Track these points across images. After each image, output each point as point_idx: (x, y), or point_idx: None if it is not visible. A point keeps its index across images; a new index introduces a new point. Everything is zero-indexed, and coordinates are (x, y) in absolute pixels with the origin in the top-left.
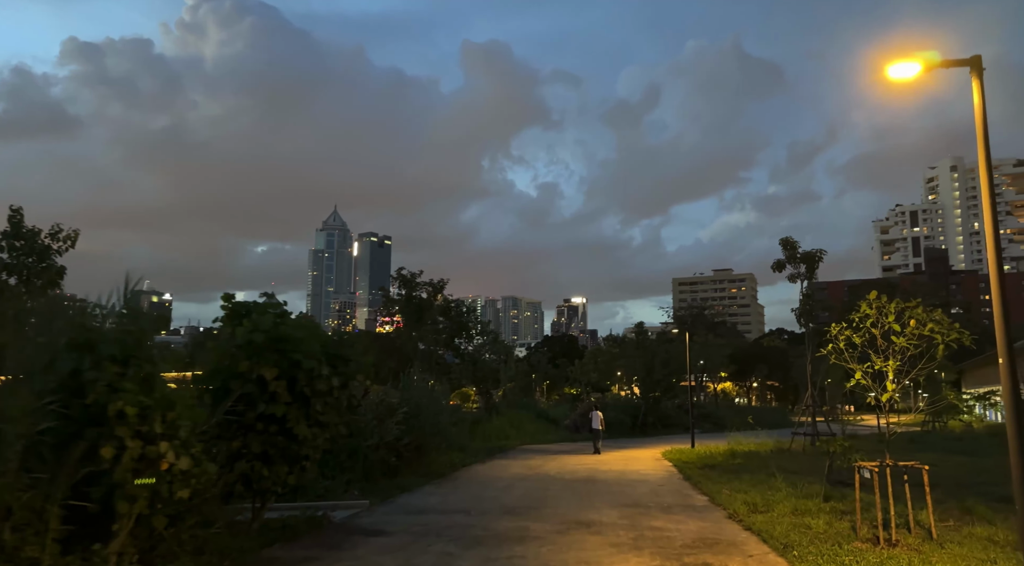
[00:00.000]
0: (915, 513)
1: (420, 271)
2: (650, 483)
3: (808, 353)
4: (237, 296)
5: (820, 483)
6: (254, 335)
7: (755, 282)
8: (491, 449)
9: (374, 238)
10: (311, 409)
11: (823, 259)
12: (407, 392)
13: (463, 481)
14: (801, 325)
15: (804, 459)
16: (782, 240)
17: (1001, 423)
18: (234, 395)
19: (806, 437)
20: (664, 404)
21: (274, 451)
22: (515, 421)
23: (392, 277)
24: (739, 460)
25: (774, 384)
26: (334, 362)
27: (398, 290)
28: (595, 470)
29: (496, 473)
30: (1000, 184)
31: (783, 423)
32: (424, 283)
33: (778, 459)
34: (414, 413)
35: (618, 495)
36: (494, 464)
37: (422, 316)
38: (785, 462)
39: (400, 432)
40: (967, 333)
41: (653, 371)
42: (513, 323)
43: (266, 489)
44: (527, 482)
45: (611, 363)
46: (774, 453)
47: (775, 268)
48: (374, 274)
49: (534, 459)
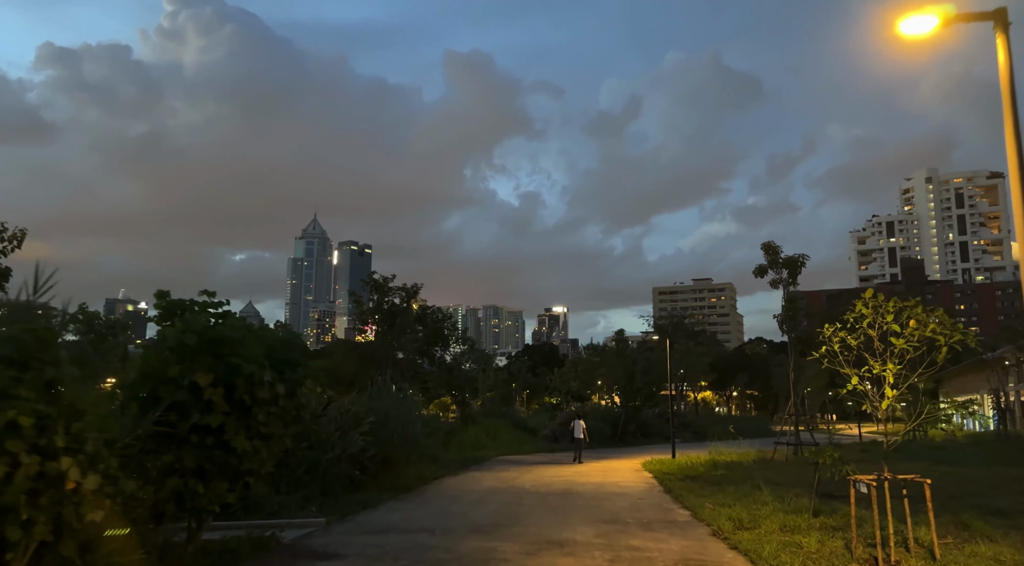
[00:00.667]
0: (914, 530)
1: (393, 276)
2: (629, 496)
3: (791, 360)
4: None
5: (807, 496)
6: (185, 336)
7: (734, 291)
8: (465, 460)
9: (354, 246)
10: (252, 419)
11: (805, 264)
12: (374, 401)
13: (432, 495)
14: (783, 332)
15: (788, 469)
16: (764, 244)
17: (981, 432)
18: (163, 404)
19: (789, 447)
20: (644, 413)
21: (211, 466)
22: (492, 431)
23: (364, 282)
24: (721, 471)
25: (754, 393)
26: (281, 367)
27: (370, 295)
28: (572, 482)
29: (468, 486)
30: (974, 196)
31: (764, 432)
32: (397, 288)
33: (761, 470)
34: (381, 423)
35: (595, 510)
36: (467, 477)
37: (395, 322)
38: (769, 473)
39: (365, 443)
40: (971, 334)
41: (633, 379)
42: (494, 332)
43: (202, 508)
44: (499, 496)
45: (591, 372)
46: (757, 463)
47: (757, 273)
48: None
49: (509, 471)
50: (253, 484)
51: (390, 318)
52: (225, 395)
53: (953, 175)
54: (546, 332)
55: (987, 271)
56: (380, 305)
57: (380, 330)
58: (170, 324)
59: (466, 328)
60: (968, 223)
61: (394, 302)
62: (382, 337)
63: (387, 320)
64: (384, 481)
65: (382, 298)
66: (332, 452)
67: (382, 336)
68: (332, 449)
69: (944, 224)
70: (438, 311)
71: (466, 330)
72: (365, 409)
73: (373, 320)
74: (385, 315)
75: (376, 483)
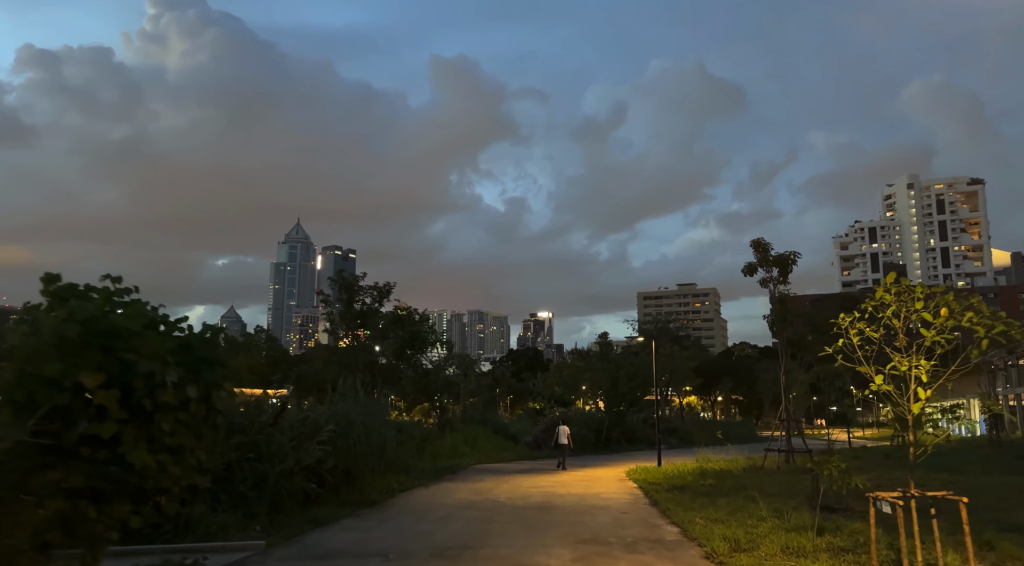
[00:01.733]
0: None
1: (363, 274)
2: (613, 510)
3: (782, 362)
4: (197, 310)
5: (806, 509)
6: (66, 327)
7: (719, 297)
8: (439, 470)
9: (338, 251)
10: (155, 429)
11: (796, 262)
12: (336, 407)
13: (396, 510)
14: (773, 333)
15: (781, 478)
16: (754, 242)
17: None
18: (42, 409)
19: (780, 454)
20: (629, 418)
21: (107, 485)
22: (470, 438)
23: (331, 279)
24: (710, 480)
25: (739, 398)
26: (197, 366)
27: (339, 295)
28: (551, 494)
29: (438, 499)
30: (954, 202)
31: (750, 437)
32: (368, 287)
33: (753, 478)
34: (343, 431)
35: (575, 526)
36: (439, 488)
37: (367, 324)
38: (761, 482)
39: (324, 454)
40: (1017, 324)
41: (618, 384)
42: (479, 337)
43: (96, 535)
44: (471, 511)
45: (576, 377)
46: (747, 471)
47: (746, 271)
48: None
49: (485, 481)
50: (165, 504)
51: (361, 319)
52: (122, 399)
53: (934, 181)
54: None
55: (968, 276)
56: (350, 305)
57: (351, 332)
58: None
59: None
60: (949, 229)
61: (365, 302)
62: (354, 339)
63: (359, 321)
64: (346, 495)
65: (352, 298)
66: (284, 464)
67: (354, 338)
68: (284, 461)
69: (925, 230)
70: (415, 312)
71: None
72: (326, 417)
73: (345, 322)
74: (356, 316)
75: (337, 497)
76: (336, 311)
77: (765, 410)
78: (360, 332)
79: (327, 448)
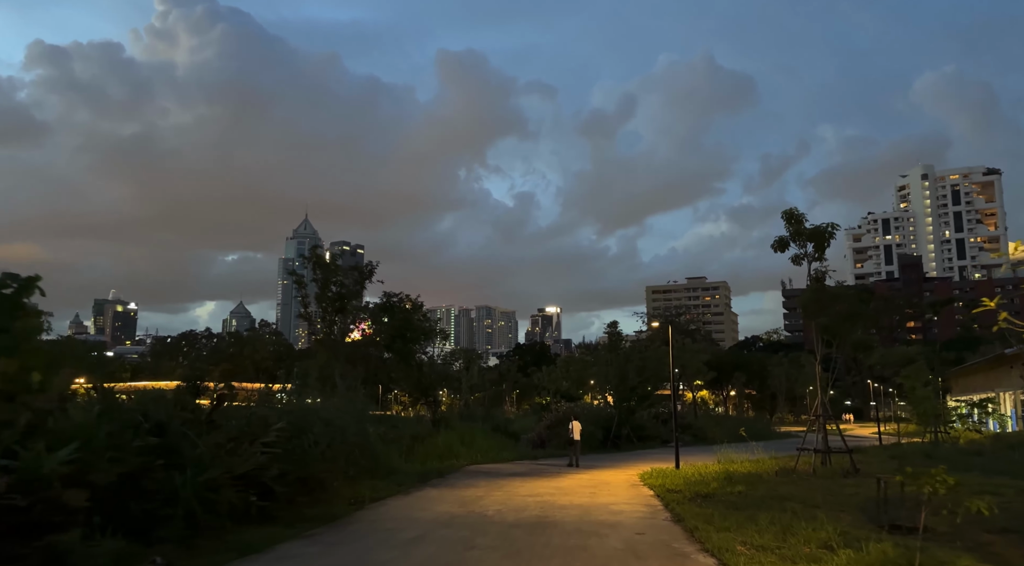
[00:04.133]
0: None
1: (340, 250)
2: (626, 528)
3: (817, 349)
4: (208, 306)
5: (870, 527)
6: None
7: (728, 290)
8: (426, 473)
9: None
10: None
11: (835, 235)
12: (293, 400)
13: (358, 529)
14: (806, 316)
15: (821, 484)
16: (785, 213)
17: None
18: None
19: (816, 453)
20: (639, 414)
21: None
22: (466, 436)
23: (304, 257)
24: (740, 487)
25: (752, 393)
26: None
27: (313, 275)
28: (550, 505)
29: (415, 512)
30: (970, 192)
31: (767, 434)
32: (349, 268)
33: (788, 485)
34: (298, 431)
35: (576, 554)
36: (420, 497)
37: (345, 308)
38: (800, 490)
39: (268, 459)
40: None
41: (627, 378)
42: (487, 333)
43: None
44: (449, 530)
45: (583, 371)
46: (779, 475)
47: (777, 247)
48: None
49: (478, 486)
50: None
51: (338, 303)
52: None
53: (949, 172)
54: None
55: (984, 268)
56: (326, 287)
57: (327, 318)
58: None
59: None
60: (964, 220)
61: (344, 283)
62: (329, 326)
63: (333, 307)
64: (303, 508)
65: (328, 278)
66: (211, 472)
67: (329, 325)
68: (208, 468)
69: (940, 221)
70: (407, 299)
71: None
72: (278, 413)
73: (321, 307)
74: (334, 299)
75: (292, 512)
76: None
77: (780, 405)
78: (364, 325)
79: (275, 452)
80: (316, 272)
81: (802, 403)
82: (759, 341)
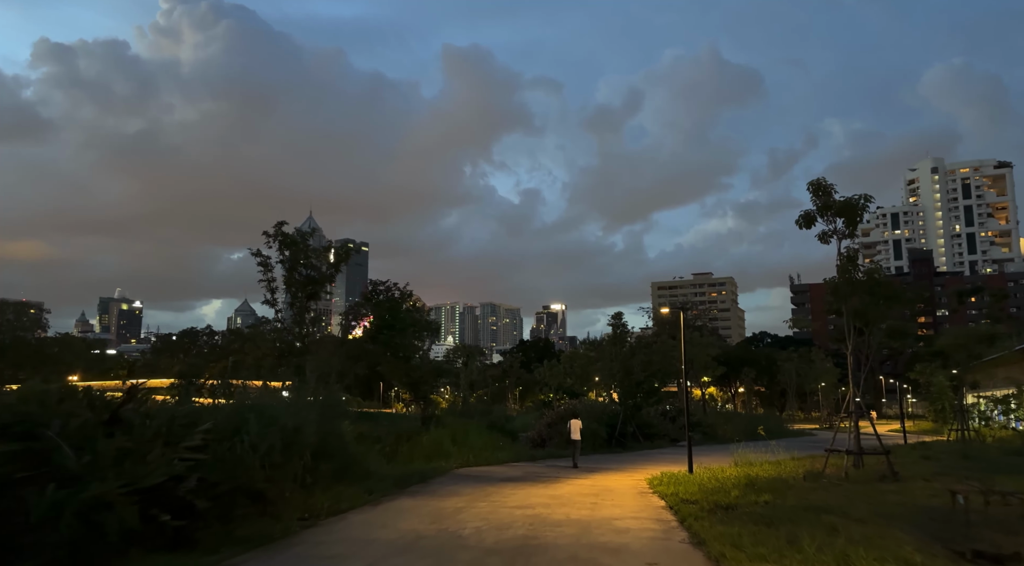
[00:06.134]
0: None
1: (312, 229)
2: (633, 555)
3: (849, 339)
4: (215, 304)
5: (940, 551)
6: None
7: (735, 286)
8: (407, 477)
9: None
10: None
11: (868, 207)
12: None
13: (293, 556)
14: (836, 299)
15: (858, 491)
16: (812, 184)
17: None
18: None
19: (848, 455)
20: (646, 411)
21: None
22: (459, 434)
23: (265, 234)
24: (765, 496)
25: (760, 389)
26: None
27: (280, 254)
28: (542, 520)
29: (373, 531)
30: (980, 186)
31: (780, 431)
32: (320, 249)
33: (820, 492)
34: (231, 431)
35: None
36: (389, 508)
37: (316, 294)
38: (836, 498)
39: (187, 467)
40: None
41: (632, 373)
42: (492, 330)
43: None
44: (409, 556)
45: (587, 367)
46: (807, 480)
47: (803, 223)
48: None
49: (460, 494)
50: None
51: (308, 288)
52: None
53: (959, 165)
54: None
55: (995, 263)
56: (294, 267)
57: (297, 304)
58: None
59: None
60: (975, 214)
61: (313, 263)
62: (300, 312)
63: (303, 292)
64: (237, 527)
65: (296, 258)
66: (99, 486)
67: (300, 311)
68: (94, 482)
69: (951, 215)
70: (395, 288)
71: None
72: (210, 411)
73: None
74: (303, 284)
75: (220, 532)
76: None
77: (790, 401)
78: (367, 321)
79: (198, 458)
80: (283, 252)
81: (812, 399)
82: (748, 345)
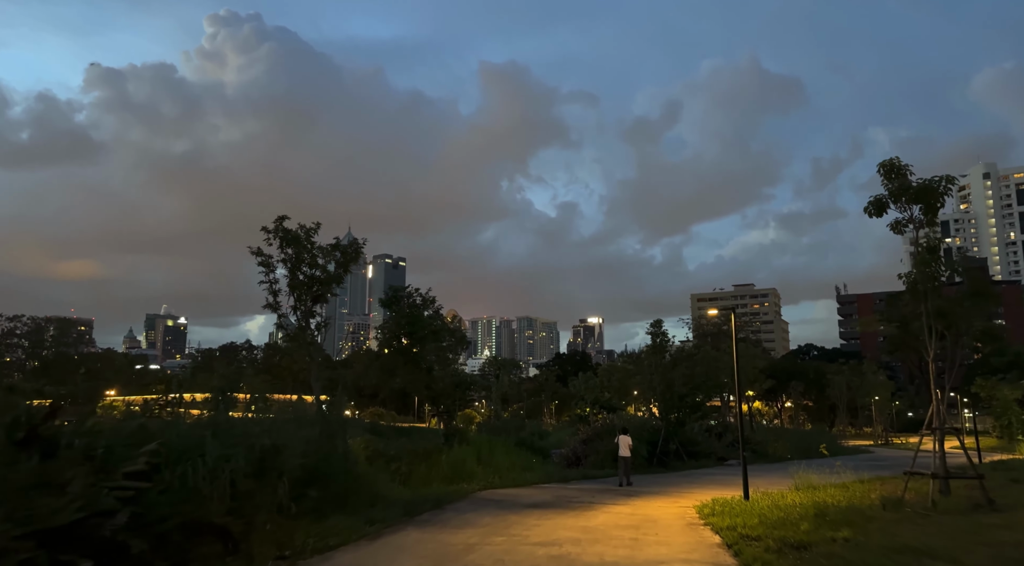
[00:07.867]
0: None
1: (316, 224)
2: None
3: (931, 341)
4: (258, 319)
5: None
6: None
7: (778, 298)
8: (418, 503)
9: (388, 259)
10: None
11: (950, 192)
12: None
13: None
14: (914, 295)
15: (955, 524)
16: (883, 164)
17: None
18: None
19: (934, 479)
20: (690, 427)
21: None
22: (484, 452)
23: (264, 230)
24: (844, 531)
25: (808, 403)
26: None
27: (282, 251)
28: (570, 562)
29: None
30: None
31: (837, 449)
32: (327, 248)
33: (908, 525)
34: (182, 454)
35: None
36: (388, 544)
37: (324, 297)
38: (934, 537)
39: (120, 500)
40: None
41: (674, 386)
42: (528, 344)
43: None
44: None
45: (626, 381)
46: (887, 509)
47: (872, 210)
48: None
49: (476, 525)
50: None
51: (310, 289)
52: None
53: (1013, 170)
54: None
55: None
56: (296, 267)
57: (300, 307)
58: None
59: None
60: None
61: (317, 262)
62: (305, 316)
63: (306, 294)
64: None
65: (300, 256)
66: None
67: (305, 315)
68: None
69: (1004, 222)
70: (416, 293)
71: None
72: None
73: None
74: (308, 285)
75: None
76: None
77: (840, 416)
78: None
79: (140, 487)
80: (285, 250)
81: (863, 413)
82: (795, 357)
